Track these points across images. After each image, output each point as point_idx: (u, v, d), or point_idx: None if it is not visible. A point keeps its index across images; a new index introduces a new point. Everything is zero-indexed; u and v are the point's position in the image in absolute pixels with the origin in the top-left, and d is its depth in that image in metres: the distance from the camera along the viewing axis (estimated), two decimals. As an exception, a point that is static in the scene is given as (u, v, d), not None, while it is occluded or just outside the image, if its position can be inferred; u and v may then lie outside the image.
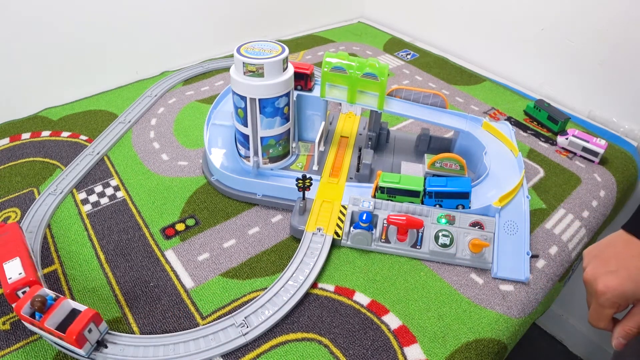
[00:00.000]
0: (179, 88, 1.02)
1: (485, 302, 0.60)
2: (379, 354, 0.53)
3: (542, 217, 0.73)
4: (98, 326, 0.51)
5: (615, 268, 0.52)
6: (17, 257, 0.56)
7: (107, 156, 0.82)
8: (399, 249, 0.65)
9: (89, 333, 0.50)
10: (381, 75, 0.69)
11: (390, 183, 0.67)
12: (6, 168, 0.78)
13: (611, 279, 0.51)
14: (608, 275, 0.51)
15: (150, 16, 1.03)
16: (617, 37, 0.92)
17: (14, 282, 0.53)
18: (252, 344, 0.54)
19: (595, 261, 0.54)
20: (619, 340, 0.53)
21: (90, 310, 0.50)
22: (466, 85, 1.09)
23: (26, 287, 0.53)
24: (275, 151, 0.74)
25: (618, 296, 0.50)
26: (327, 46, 1.25)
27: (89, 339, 0.50)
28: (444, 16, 1.25)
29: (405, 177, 0.68)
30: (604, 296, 0.51)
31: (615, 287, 0.50)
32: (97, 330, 0.51)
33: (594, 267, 0.53)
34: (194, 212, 0.71)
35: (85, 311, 0.50)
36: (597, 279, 0.52)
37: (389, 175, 0.68)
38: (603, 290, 0.51)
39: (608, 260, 0.53)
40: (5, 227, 0.61)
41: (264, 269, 0.63)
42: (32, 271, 0.55)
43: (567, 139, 0.87)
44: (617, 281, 0.51)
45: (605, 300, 0.51)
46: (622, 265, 0.51)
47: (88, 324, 0.49)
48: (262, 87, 0.66)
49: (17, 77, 0.91)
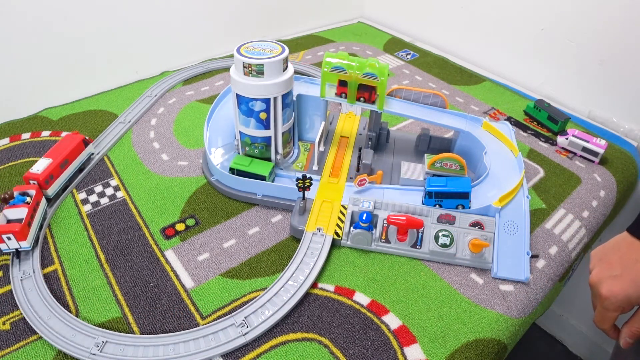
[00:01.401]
0: (179, 88, 1.02)
1: (485, 302, 0.60)
2: (379, 354, 0.53)
3: (542, 217, 0.73)
4: (18, 241, 0.59)
5: (619, 272, 0.52)
6: (50, 159, 0.69)
7: (107, 156, 0.82)
8: (399, 249, 0.65)
9: (8, 240, 0.59)
10: (381, 75, 0.69)
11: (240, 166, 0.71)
12: (6, 168, 0.78)
13: (615, 284, 0.52)
14: (612, 280, 0.52)
15: (151, 16, 1.03)
16: (617, 37, 0.92)
17: (28, 173, 0.67)
18: (252, 344, 0.54)
19: (600, 264, 0.55)
20: (626, 340, 0.54)
21: (17, 226, 0.59)
22: (466, 85, 1.09)
23: (32, 181, 0.67)
24: (251, 151, 0.74)
25: (622, 300, 0.51)
26: (327, 46, 1.25)
27: (7, 244, 0.59)
28: (444, 16, 1.25)
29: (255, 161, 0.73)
30: (608, 300, 0.52)
31: (618, 292, 0.51)
32: (17, 243, 0.60)
33: (599, 271, 0.54)
34: (194, 212, 0.71)
35: (13, 225, 0.59)
36: (601, 282, 0.53)
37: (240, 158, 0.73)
38: (607, 294, 0.52)
39: (613, 264, 0.53)
40: (75, 135, 0.76)
41: (264, 269, 0.63)
42: (46, 174, 0.68)
43: (567, 139, 0.87)
44: (621, 286, 0.51)
45: (609, 304, 0.52)
46: (626, 269, 0.52)
47: (7, 232, 0.58)
48: (240, 84, 0.67)
49: (17, 77, 0.92)
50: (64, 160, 0.71)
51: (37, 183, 0.67)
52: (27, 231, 0.61)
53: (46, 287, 0.58)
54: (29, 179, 0.67)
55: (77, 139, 0.75)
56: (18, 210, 0.62)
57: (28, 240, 0.61)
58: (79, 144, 0.75)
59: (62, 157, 0.71)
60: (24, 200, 0.62)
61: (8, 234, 0.59)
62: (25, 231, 0.60)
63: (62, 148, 0.73)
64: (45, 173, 0.67)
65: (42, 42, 0.91)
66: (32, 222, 0.63)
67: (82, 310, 0.57)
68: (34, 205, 0.64)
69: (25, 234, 0.60)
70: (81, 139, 0.75)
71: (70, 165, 0.73)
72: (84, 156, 0.76)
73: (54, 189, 0.70)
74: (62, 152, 0.72)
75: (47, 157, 0.70)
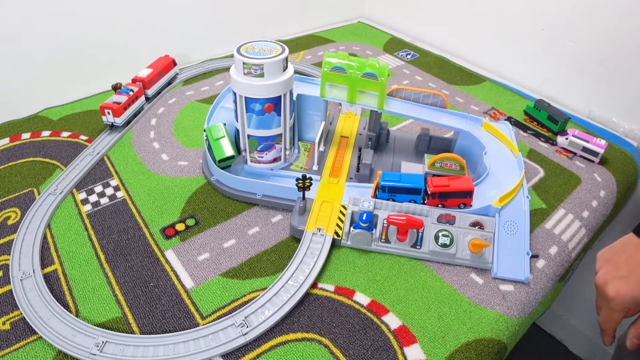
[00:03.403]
0: (179, 88, 1.02)
1: (485, 302, 0.60)
2: (379, 354, 0.53)
3: (542, 217, 0.73)
4: (114, 117, 0.84)
5: (626, 273, 0.52)
6: (152, 69, 0.95)
7: (107, 156, 0.82)
8: (399, 249, 0.65)
9: (107, 114, 0.84)
10: (381, 75, 0.69)
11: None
12: (6, 168, 0.78)
13: (622, 285, 0.52)
14: (619, 281, 0.52)
15: (151, 16, 1.03)
16: (617, 37, 0.92)
17: (136, 77, 0.92)
18: (252, 344, 0.54)
19: (607, 265, 0.55)
20: (632, 341, 0.54)
21: (116, 106, 0.84)
22: (466, 85, 1.09)
23: (138, 82, 0.92)
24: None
25: (628, 301, 0.51)
26: (327, 46, 1.25)
27: (107, 117, 0.84)
28: (444, 16, 1.25)
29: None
30: (614, 301, 0.52)
31: (625, 293, 0.51)
32: (113, 119, 0.84)
33: (606, 272, 0.54)
34: (194, 212, 0.71)
35: (114, 104, 0.84)
36: (608, 283, 0.53)
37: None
38: (613, 295, 0.52)
39: (619, 265, 0.53)
40: (167, 57, 1.00)
41: (264, 269, 0.63)
42: (149, 78, 0.93)
43: (567, 139, 0.87)
44: (628, 287, 0.51)
45: (615, 305, 0.52)
46: (633, 270, 0.52)
47: (108, 108, 0.83)
48: (239, 84, 0.67)
49: (17, 77, 0.92)
50: (160, 72, 0.96)
51: (142, 83, 0.91)
52: (122, 112, 0.84)
53: (46, 287, 0.58)
54: (135, 80, 0.91)
55: (169, 60, 1.00)
56: (122, 97, 0.85)
57: (121, 119, 0.85)
58: (170, 64, 1.00)
59: (159, 69, 0.96)
60: (128, 91, 0.87)
61: (109, 109, 0.83)
62: (120, 111, 0.84)
63: (159, 64, 0.98)
64: (148, 77, 0.93)
65: (42, 42, 0.91)
66: (128, 108, 0.86)
67: (82, 310, 0.57)
68: (133, 97, 0.87)
69: (120, 113, 0.84)
70: (172, 60, 1.00)
71: (165, 77, 0.98)
72: (172, 73, 1.01)
73: (152, 90, 0.95)
74: (159, 66, 0.97)
75: (149, 67, 0.95)
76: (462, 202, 0.67)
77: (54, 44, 0.93)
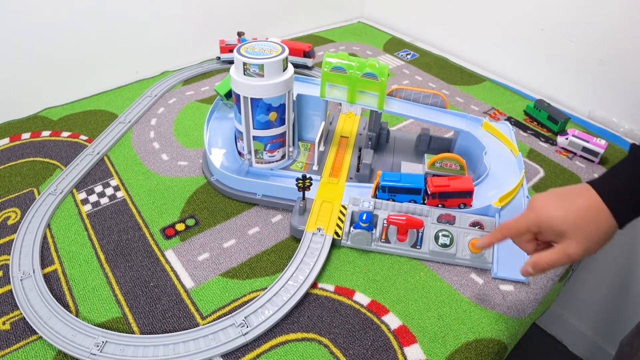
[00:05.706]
0: (179, 88, 1.02)
1: (485, 302, 0.60)
2: (379, 354, 0.53)
3: (542, 217, 0.73)
4: None
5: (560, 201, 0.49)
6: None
7: (107, 156, 0.82)
8: (399, 249, 0.65)
9: None
10: (381, 75, 0.69)
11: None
12: (6, 168, 0.78)
13: (551, 204, 0.49)
14: (553, 201, 0.49)
15: (151, 16, 1.03)
16: (617, 37, 0.92)
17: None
18: (252, 344, 0.54)
19: (549, 193, 0.51)
20: (527, 267, 0.50)
21: None
22: (466, 85, 1.09)
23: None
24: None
25: (543, 216, 0.48)
26: (327, 46, 1.25)
27: None
28: (444, 16, 1.25)
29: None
30: (535, 212, 0.49)
31: (549, 210, 0.48)
32: None
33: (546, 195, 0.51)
34: (194, 212, 0.71)
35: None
36: (542, 199, 0.50)
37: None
38: (539, 206, 0.49)
39: (557, 194, 0.50)
40: (304, 44, 1.04)
41: (264, 269, 0.63)
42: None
43: (567, 139, 0.87)
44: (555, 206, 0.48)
45: (530, 214, 0.49)
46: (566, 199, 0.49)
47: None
48: (239, 84, 0.67)
49: (17, 77, 0.92)
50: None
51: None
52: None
53: (46, 287, 0.58)
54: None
55: (306, 46, 1.04)
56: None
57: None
58: (300, 50, 1.04)
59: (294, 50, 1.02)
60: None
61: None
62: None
63: (293, 45, 1.03)
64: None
65: (42, 42, 0.91)
66: None
67: (82, 310, 0.57)
68: None
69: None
70: (305, 49, 1.04)
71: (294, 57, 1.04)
72: (301, 61, 1.05)
73: None
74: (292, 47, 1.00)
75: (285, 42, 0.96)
76: (462, 202, 0.67)
77: (54, 44, 0.92)
